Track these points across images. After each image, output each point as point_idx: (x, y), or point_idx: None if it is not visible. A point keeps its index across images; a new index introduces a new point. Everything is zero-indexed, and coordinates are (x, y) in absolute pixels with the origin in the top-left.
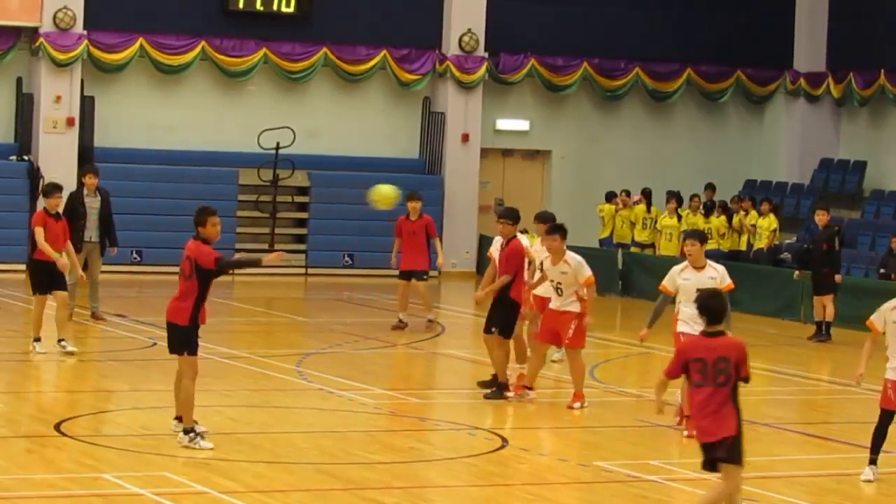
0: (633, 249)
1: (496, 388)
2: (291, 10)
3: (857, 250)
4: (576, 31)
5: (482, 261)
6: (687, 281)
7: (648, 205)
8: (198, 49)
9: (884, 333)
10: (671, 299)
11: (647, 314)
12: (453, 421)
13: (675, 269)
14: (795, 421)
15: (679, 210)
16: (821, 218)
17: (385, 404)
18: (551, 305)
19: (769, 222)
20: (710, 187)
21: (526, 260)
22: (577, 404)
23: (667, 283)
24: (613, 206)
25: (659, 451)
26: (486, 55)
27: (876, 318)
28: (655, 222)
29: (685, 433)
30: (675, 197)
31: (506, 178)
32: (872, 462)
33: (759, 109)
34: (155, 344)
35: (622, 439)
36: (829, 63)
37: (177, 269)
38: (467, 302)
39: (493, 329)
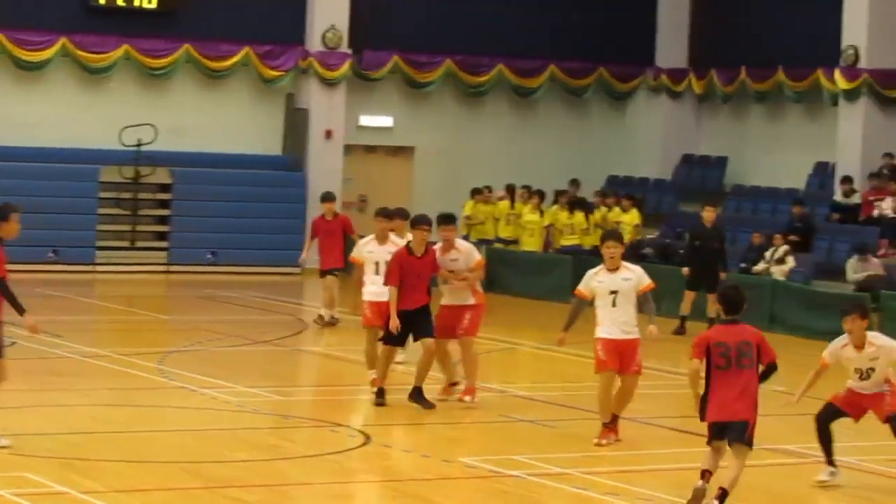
0: (496, 245)
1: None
2: (153, 5)
3: None
4: (439, 27)
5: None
6: (601, 283)
7: (512, 201)
8: (58, 45)
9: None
10: (587, 303)
11: (510, 310)
12: (316, 418)
13: (590, 272)
14: (660, 415)
15: (541, 206)
16: (708, 215)
17: (248, 402)
18: (445, 302)
19: (631, 218)
20: (574, 183)
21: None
22: (467, 398)
23: (582, 287)
24: (475, 203)
25: (523, 446)
26: (350, 52)
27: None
28: (519, 218)
29: (596, 440)
30: (537, 193)
31: (370, 174)
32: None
33: (622, 105)
34: (14, 343)
35: (486, 435)
36: (691, 60)
37: (36, 266)
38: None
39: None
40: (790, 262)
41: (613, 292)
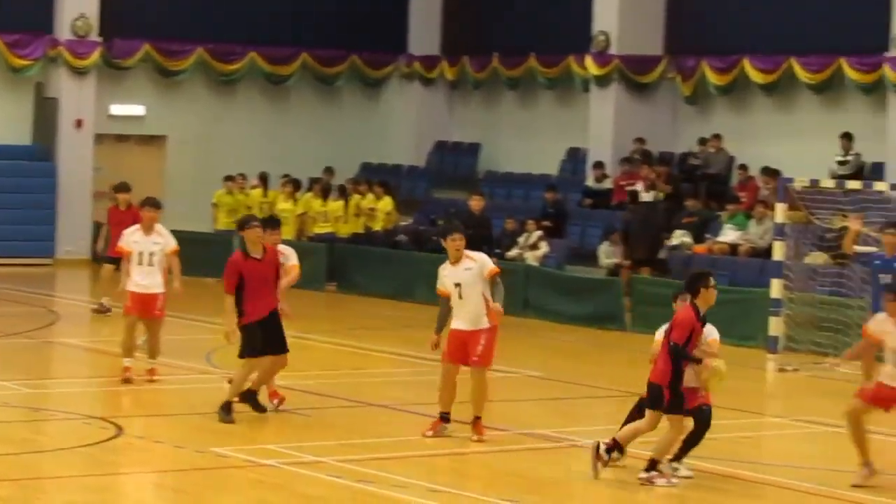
0: None
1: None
2: None
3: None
4: (191, 15)
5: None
6: (447, 277)
7: (265, 189)
8: None
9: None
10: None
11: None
12: (67, 410)
13: (440, 268)
14: (414, 402)
15: (296, 194)
16: (476, 203)
17: None
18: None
19: (384, 205)
20: (328, 170)
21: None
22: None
23: (439, 285)
24: (227, 191)
25: (277, 435)
26: (100, 40)
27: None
28: (272, 206)
29: (424, 431)
30: (292, 181)
31: (122, 164)
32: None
33: (375, 93)
34: None
35: (239, 425)
36: (443, 47)
37: None
38: (84, 289)
39: None
40: (543, 247)
41: (457, 284)
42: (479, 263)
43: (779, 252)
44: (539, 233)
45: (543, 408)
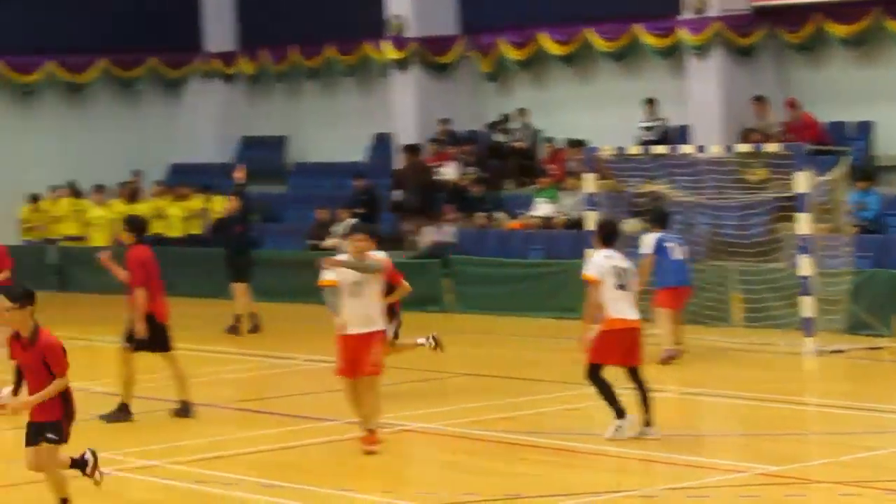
0: (63, 244)
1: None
2: None
3: (285, 224)
4: None
5: None
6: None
7: (76, 198)
8: None
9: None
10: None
11: (85, 307)
12: None
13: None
14: (236, 399)
15: (106, 200)
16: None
17: None
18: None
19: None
20: (136, 174)
21: None
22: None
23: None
24: (32, 206)
25: (105, 442)
26: None
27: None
28: (84, 214)
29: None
30: (101, 188)
31: None
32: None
33: (177, 93)
34: None
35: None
36: (240, 42)
37: None
38: None
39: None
40: None
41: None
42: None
43: (592, 222)
44: (352, 220)
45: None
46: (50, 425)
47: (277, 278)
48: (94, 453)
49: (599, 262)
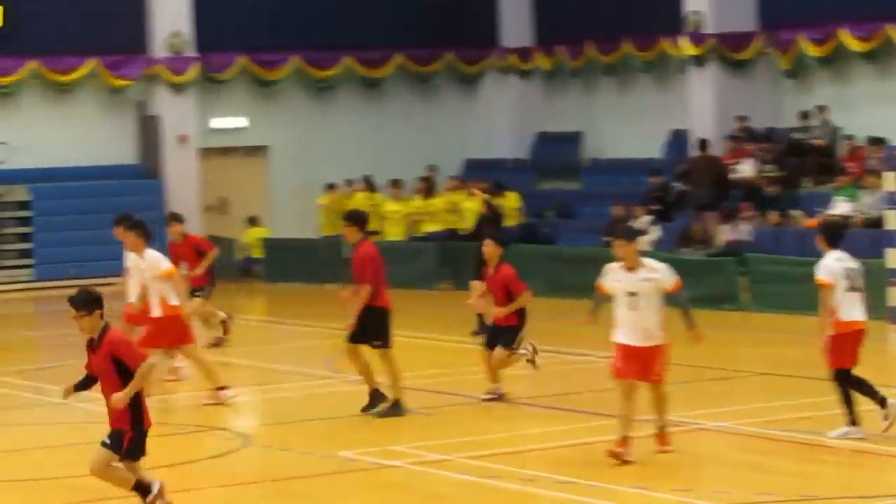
0: None
1: (392, 404)
2: None
3: (580, 220)
4: (284, 24)
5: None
6: (619, 283)
7: (371, 192)
8: None
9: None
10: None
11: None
12: (193, 423)
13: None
14: (535, 394)
15: (401, 195)
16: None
17: None
18: None
19: (511, 201)
20: (432, 169)
21: None
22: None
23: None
24: (332, 197)
25: (401, 435)
26: (197, 55)
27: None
28: (379, 208)
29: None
30: (396, 182)
31: (226, 176)
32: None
33: (472, 88)
34: None
35: (363, 427)
36: (536, 37)
37: None
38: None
39: (376, 342)
40: (654, 231)
41: (632, 294)
42: (660, 274)
43: (892, 221)
44: (648, 218)
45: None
46: (113, 433)
47: (571, 275)
48: (161, 487)
49: (831, 265)
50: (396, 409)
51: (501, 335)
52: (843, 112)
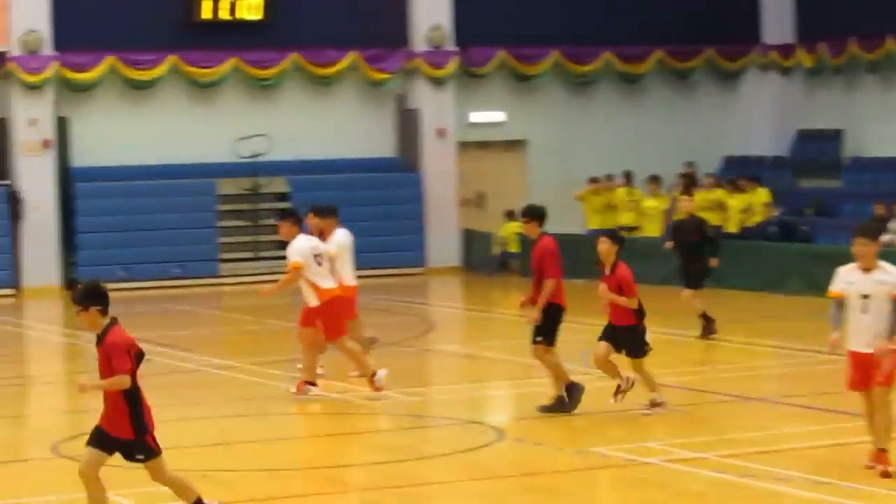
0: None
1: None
2: (258, 17)
3: (840, 219)
4: (543, 19)
5: (467, 255)
6: (852, 285)
7: (630, 187)
8: (167, 62)
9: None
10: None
11: (643, 298)
12: (448, 416)
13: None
14: (790, 393)
15: (659, 191)
16: (685, 205)
17: (378, 404)
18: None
19: (759, 197)
20: (691, 165)
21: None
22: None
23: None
24: (593, 191)
25: (655, 432)
26: (456, 49)
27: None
28: (638, 204)
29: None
30: (654, 178)
31: (484, 170)
32: None
33: (732, 85)
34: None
35: (617, 423)
36: (798, 34)
37: (164, 283)
38: (456, 296)
39: (538, 338)
40: None
41: (865, 296)
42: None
43: None
44: None
45: None
46: (120, 442)
47: (828, 274)
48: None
49: None
50: (561, 404)
51: (622, 338)
52: None
